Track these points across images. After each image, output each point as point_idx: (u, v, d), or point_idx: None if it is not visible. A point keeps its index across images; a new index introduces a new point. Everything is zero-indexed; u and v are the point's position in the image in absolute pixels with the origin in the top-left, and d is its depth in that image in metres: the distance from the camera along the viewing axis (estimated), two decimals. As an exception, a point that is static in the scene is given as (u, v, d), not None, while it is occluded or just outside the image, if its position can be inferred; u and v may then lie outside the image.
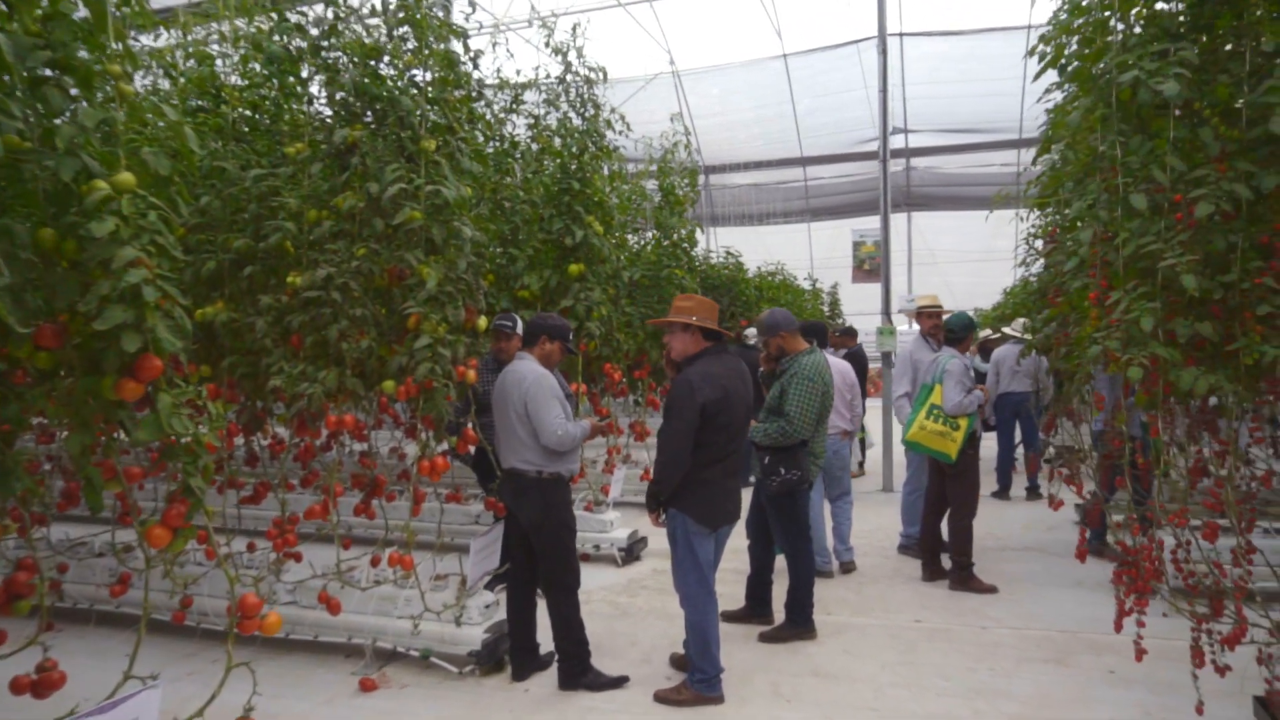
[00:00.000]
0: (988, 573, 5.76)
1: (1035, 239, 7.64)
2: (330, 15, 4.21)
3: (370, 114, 4.19)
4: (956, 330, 5.79)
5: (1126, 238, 3.14)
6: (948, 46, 13.25)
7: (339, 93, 4.14)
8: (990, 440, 8.54)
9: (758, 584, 5.05)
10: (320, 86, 4.33)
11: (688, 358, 4.00)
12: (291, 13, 4.31)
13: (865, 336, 11.94)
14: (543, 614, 4.31)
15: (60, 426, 4.26)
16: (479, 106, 4.97)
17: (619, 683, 4.15)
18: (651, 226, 8.64)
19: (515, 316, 5.41)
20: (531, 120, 6.63)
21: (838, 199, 18.97)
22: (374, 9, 4.20)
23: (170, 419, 2.49)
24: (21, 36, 2.24)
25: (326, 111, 4.29)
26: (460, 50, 4.35)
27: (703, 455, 3.83)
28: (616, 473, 6.84)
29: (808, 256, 20.24)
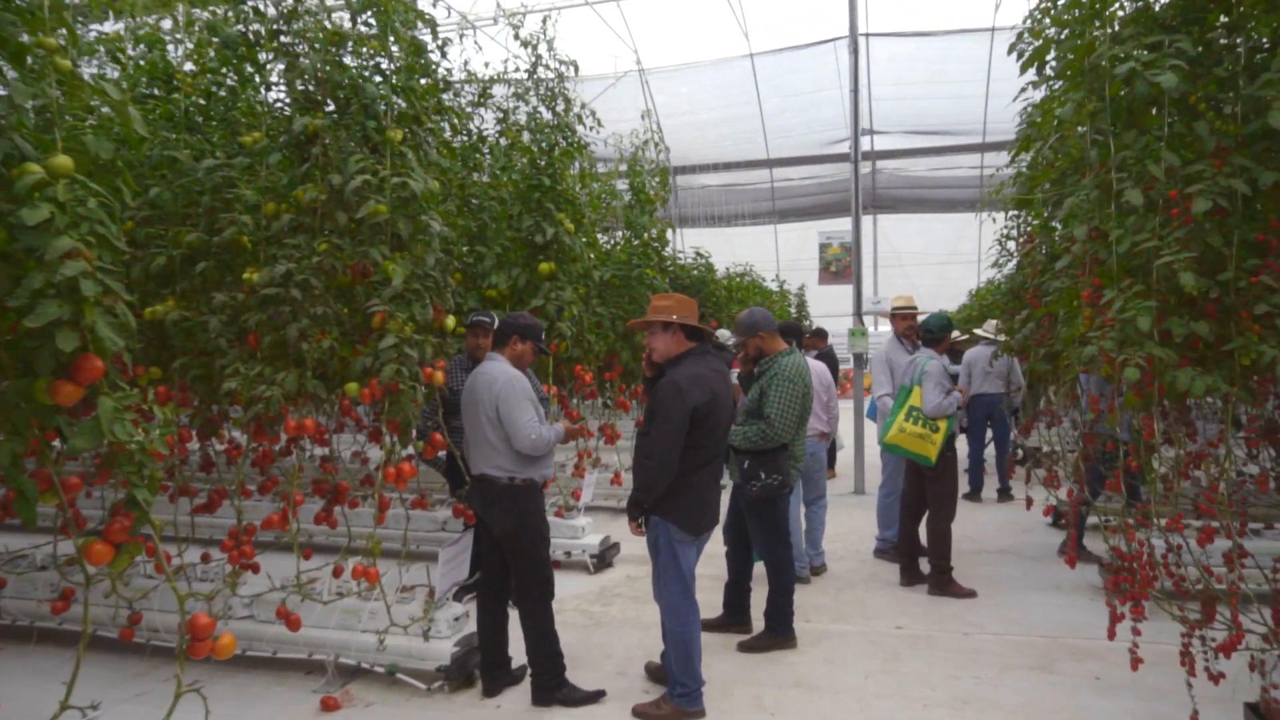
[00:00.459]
0: (964, 576, 5.68)
1: (1008, 240, 7.63)
2: (290, -1, 4.00)
3: (332, 103, 3.99)
4: (936, 331, 5.71)
5: (1121, 235, 3.05)
6: (913, 48, 13.27)
7: (299, 81, 3.93)
8: (961, 442, 8.52)
9: (736, 591, 4.91)
10: (279, 74, 4.12)
11: (670, 359, 3.85)
12: (248, -4, 4.10)
13: (833, 338, 11.94)
14: (514, 626, 4.13)
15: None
16: (446, 98, 4.77)
17: (595, 697, 3.99)
18: (621, 226, 8.49)
19: (492, 313, 5.22)
20: (500, 114, 6.43)
21: (805, 200, 18.97)
22: (336, -8, 4.00)
23: (112, 425, 2.28)
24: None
25: (286, 99, 4.08)
26: (428, 36, 4.16)
27: (689, 460, 3.68)
28: (588, 477, 6.67)
29: (774, 258, 20.25)
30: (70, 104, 2.57)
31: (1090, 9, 3.29)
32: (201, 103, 4.40)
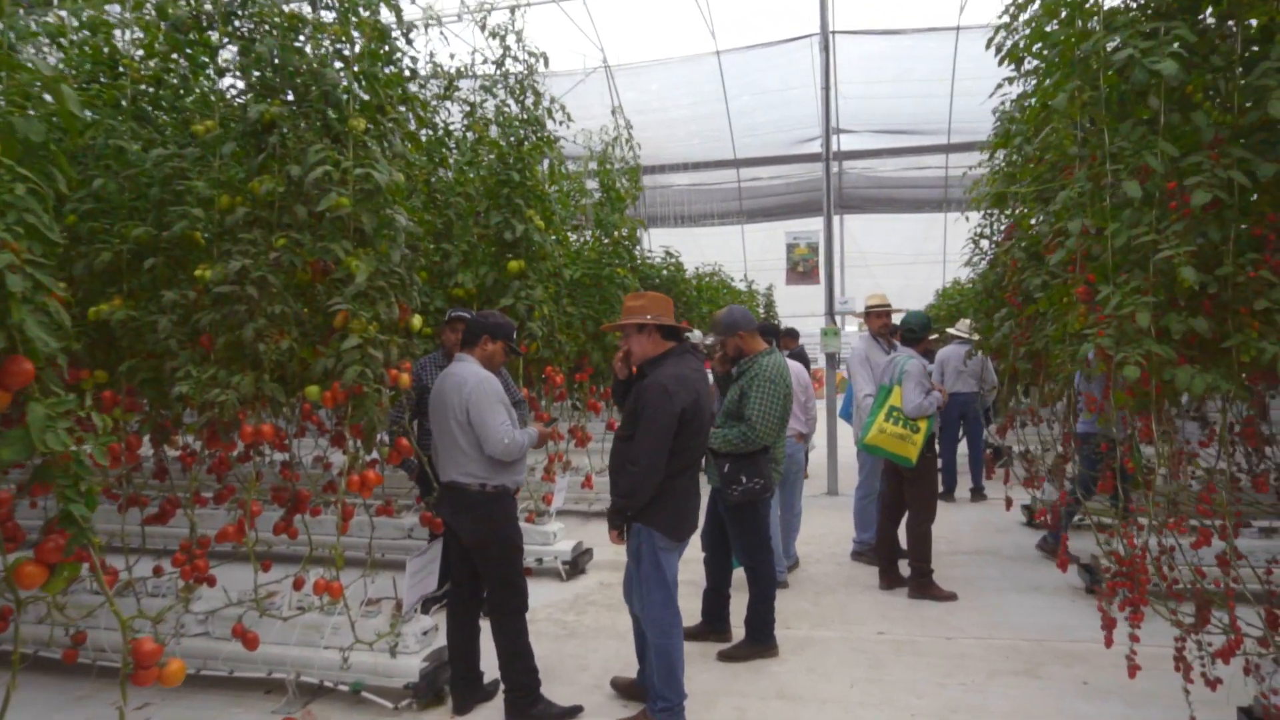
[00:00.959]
0: (942, 578, 5.59)
1: (982, 238, 7.58)
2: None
3: (290, 91, 3.77)
4: (916, 330, 5.60)
5: (1117, 229, 2.95)
6: (882, 46, 13.23)
7: (254, 67, 3.71)
8: (934, 441, 8.48)
9: (715, 599, 4.76)
10: (234, 61, 3.89)
11: (649, 360, 3.68)
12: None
13: (802, 339, 11.89)
14: (486, 639, 3.94)
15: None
16: (412, 88, 4.56)
17: (572, 713, 3.81)
18: (591, 224, 8.32)
19: (471, 310, 5.03)
20: (467, 108, 6.22)
21: (772, 200, 18.91)
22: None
23: (43, 434, 2.07)
24: None
25: (240, 85, 3.85)
26: (393, 20, 3.95)
27: (673, 464, 3.52)
28: (559, 481, 6.48)
29: (741, 258, 20.18)
30: (8, 90, 2.35)
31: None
32: (150, 90, 4.16)
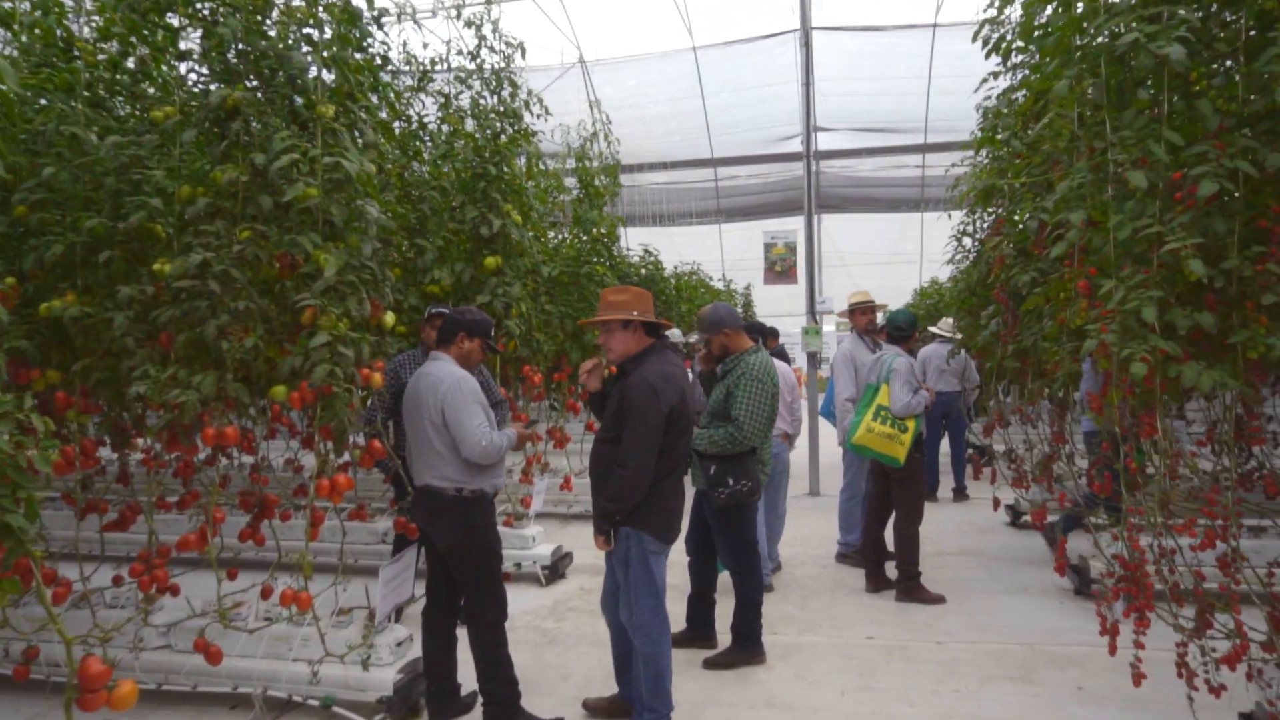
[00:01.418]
0: (928, 579, 5.49)
1: (965, 236, 7.50)
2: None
3: (255, 77, 3.59)
4: (904, 327, 5.50)
5: (1120, 221, 2.84)
6: (860, 43, 13.15)
7: (216, 51, 3.53)
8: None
9: (700, 604, 4.62)
10: (196, 43, 3.69)
11: (631, 358, 3.53)
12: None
13: (781, 338, 11.76)
14: (463, 648, 3.77)
15: None
16: (384, 77, 4.39)
17: (553, 726, 3.66)
18: (569, 221, 8.16)
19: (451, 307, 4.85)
20: (441, 99, 6.04)
21: (750, 199, 18.80)
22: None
23: (-24, 438, 1.89)
24: None
25: (202, 70, 3.66)
26: (363, 3, 3.78)
27: (661, 465, 3.38)
28: (538, 483, 6.31)
29: (719, 257, 20.07)
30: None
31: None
32: (107, 76, 3.95)
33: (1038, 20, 3.72)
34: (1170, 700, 3.53)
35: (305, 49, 3.59)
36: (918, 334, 9.29)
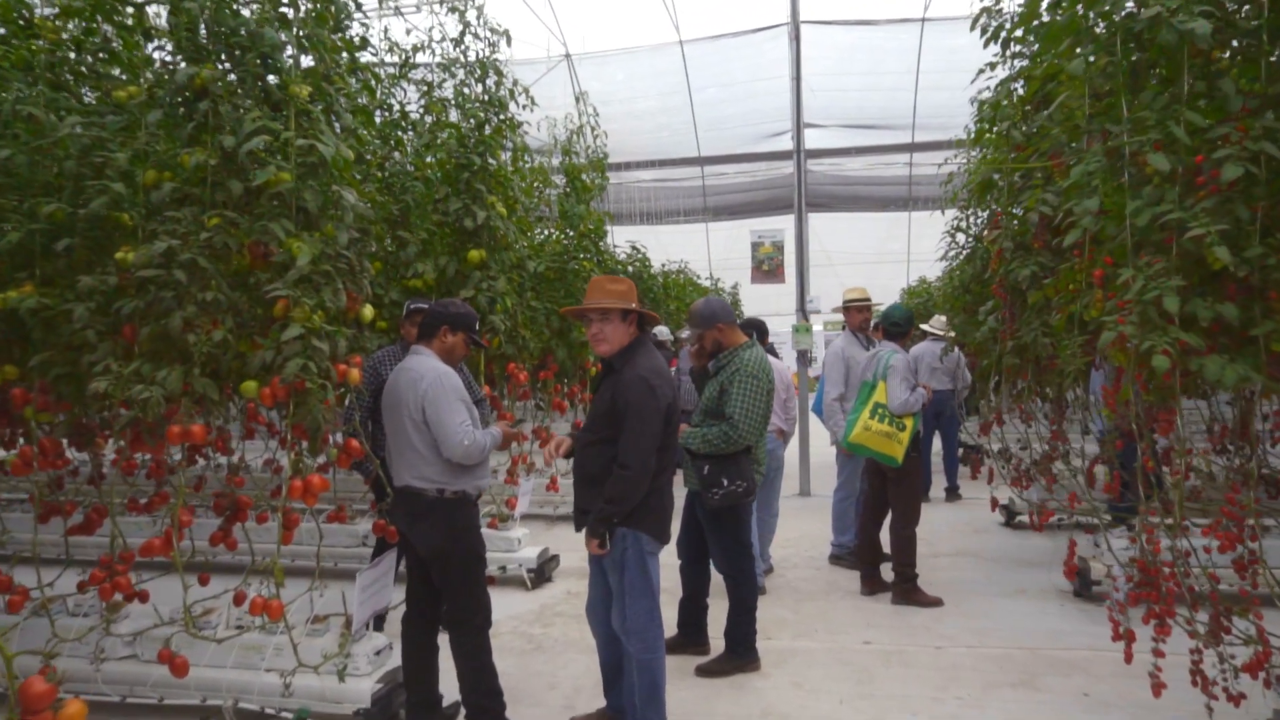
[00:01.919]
0: (924, 581, 5.36)
1: (958, 231, 7.39)
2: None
3: (225, 56, 3.40)
4: (900, 323, 5.35)
5: (1139, 206, 2.71)
6: (852, 38, 13.00)
7: (184, 28, 3.33)
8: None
9: (692, 609, 4.46)
10: (164, 21, 3.50)
11: (620, 352, 3.36)
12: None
13: (772, 336, 11.63)
14: (445, 657, 3.60)
15: None
16: (363, 57, 4.20)
17: (540, 739, 3.50)
18: (556, 215, 7.99)
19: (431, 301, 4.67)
20: (424, 88, 5.86)
21: (737, 197, 18.66)
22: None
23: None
24: None
25: (169, 48, 3.47)
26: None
27: (658, 462, 3.23)
28: (524, 484, 6.13)
29: (705, 256, 19.93)
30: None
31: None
32: (72, 56, 3.74)
33: (1042, 6, 3.61)
34: (1179, 707, 3.40)
35: (276, 25, 3.40)
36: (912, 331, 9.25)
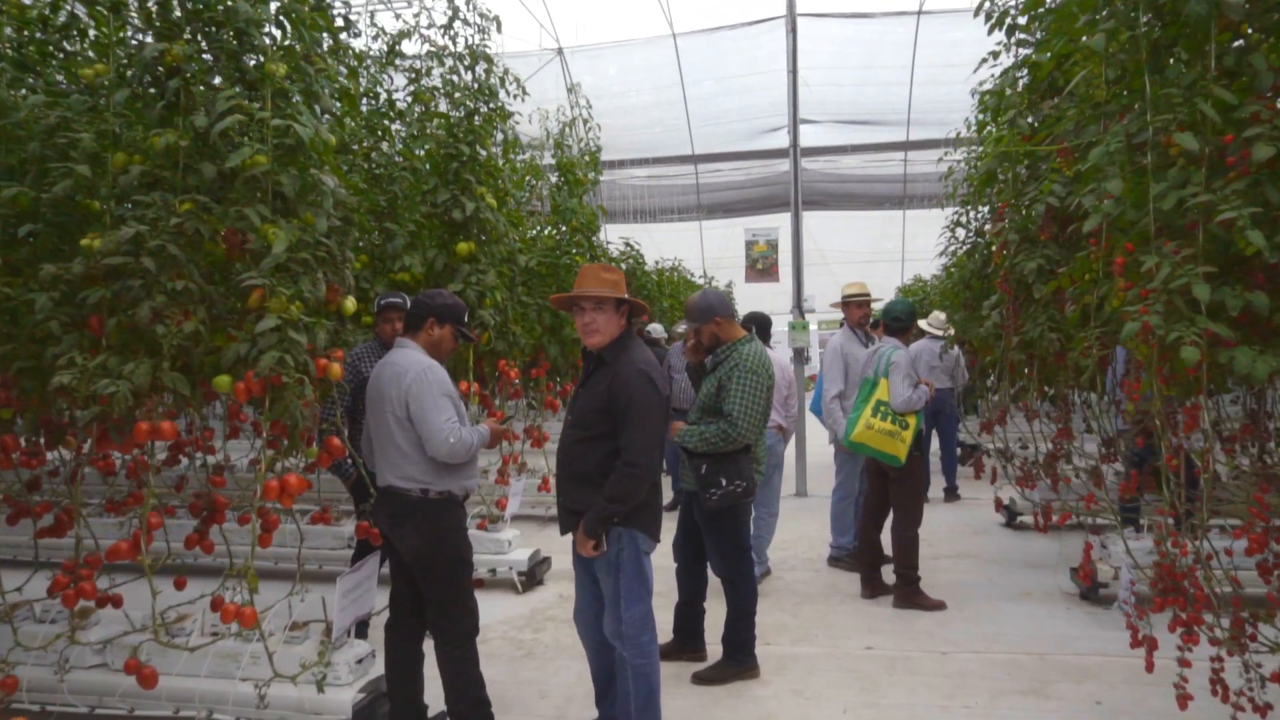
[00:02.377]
0: (926, 584, 5.20)
1: (958, 226, 7.26)
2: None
3: (198, 32, 3.23)
4: (902, 318, 5.19)
5: (1164, 189, 2.56)
6: (849, 31, 12.84)
7: (158, 3, 3.17)
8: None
9: (689, 614, 4.29)
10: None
11: (611, 345, 3.19)
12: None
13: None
14: (430, 664, 3.43)
15: None
16: (345, 38, 4.04)
17: (530, 751, 3.33)
18: (548, 210, 7.83)
19: (404, 295, 4.49)
20: (412, 75, 5.69)
21: (731, 195, 18.52)
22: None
23: None
24: None
25: (137, 23, 3.29)
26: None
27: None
28: (514, 484, 5.97)
29: (699, 254, 19.80)
30: None
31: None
32: (39, 36, 3.57)
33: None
34: (1192, 714, 3.24)
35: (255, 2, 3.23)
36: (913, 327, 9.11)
